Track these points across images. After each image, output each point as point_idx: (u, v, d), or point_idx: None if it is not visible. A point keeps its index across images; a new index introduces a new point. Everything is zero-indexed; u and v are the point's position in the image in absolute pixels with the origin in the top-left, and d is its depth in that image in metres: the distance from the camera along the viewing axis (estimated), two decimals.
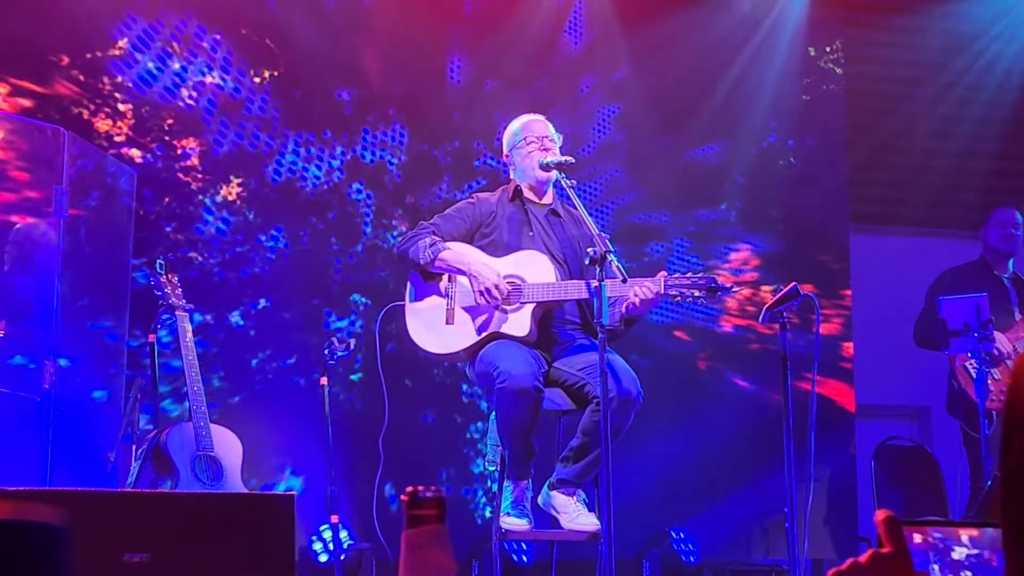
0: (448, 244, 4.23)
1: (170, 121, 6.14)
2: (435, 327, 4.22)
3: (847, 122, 7.52)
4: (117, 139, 6.00)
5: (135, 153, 6.02)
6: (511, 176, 4.46)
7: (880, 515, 1.20)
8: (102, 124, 5.99)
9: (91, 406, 5.24)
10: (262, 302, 6.18)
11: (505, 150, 4.47)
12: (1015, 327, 5.84)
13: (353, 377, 6.23)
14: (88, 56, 6.01)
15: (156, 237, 5.90)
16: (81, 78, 5.98)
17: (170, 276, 4.78)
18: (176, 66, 6.21)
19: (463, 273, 4.18)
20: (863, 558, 1.21)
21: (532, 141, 4.35)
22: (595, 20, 7.04)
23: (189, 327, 4.69)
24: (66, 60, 5.96)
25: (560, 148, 4.40)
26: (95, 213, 5.41)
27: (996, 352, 5.62)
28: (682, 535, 6.23)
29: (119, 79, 6.06)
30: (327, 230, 6.39)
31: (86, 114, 5.97)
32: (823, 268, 7.28)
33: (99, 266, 5.43)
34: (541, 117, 4.47)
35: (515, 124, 4.46)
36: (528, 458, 4.07)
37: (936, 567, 1.22)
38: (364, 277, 6.38)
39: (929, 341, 5.98)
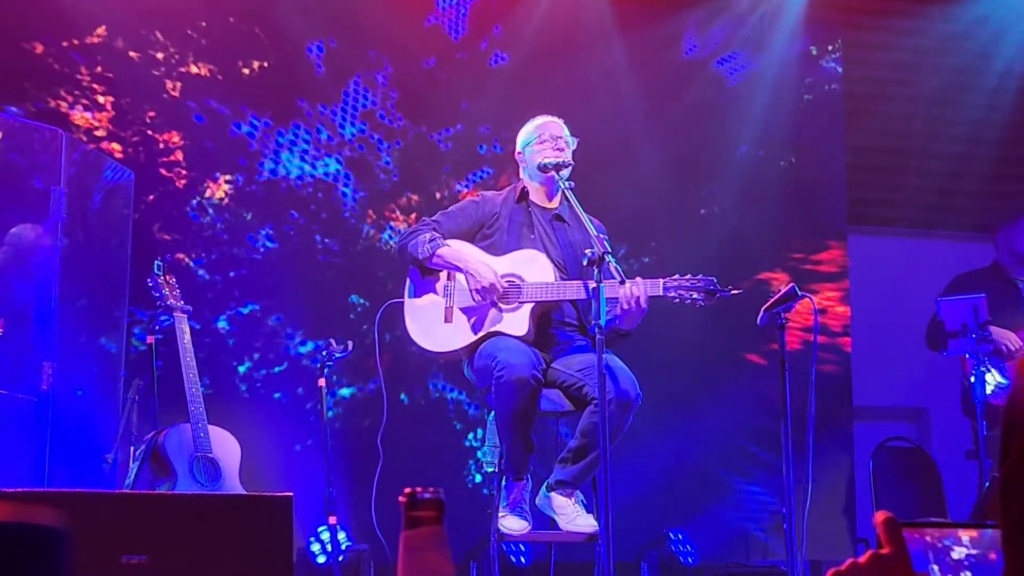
0: (447, 241, 4.24)
1: (152, 114, 5.92)
2: (433, 325, 4.22)
3: (846, 124, 7.51)
4: (97, 133, 5.77)
5: (115, 147, 5.79)
6: (520, 175, 4.46)
7: (879, 516, 1.20)
8: (80, 118, 5.76)
9: (89, 407, 5.23)
10: (251, 305, 6.03)
11: (518, 147, 4.45)
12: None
13: (344, 392, 6.08)
14: (64, 44, 5.76)
15: (141, 236, 5.69)
16: (56, 67, 5.74)
17: (168, 277, 4.78)
18: (160, 55, 5.97)
19: (460, 270, 4.19)
20: (862, 559, 1.21)
21: (545, 140, 4.33)
22: (592, 20, 6.96)
23: (187, 328, 4.68)
24: (40, 48, 5.72)
25: (574, 152, 4.37)
26: (93, 214, 5.40)
27: (1004, 349, 5.63)
28: (680, 536, 6.22)
29: (98, 69, 5.81)
30: (319, 228, 6.23)
31: (64, 106, 5.73)
32: (821, 270, 7.27)
33: (97, 267, 5.42)
34: (559, 119, 4.42)
35: (531, 123, 4.43)
36: (527, 453, 4.07)
37: (936, 567, 1.22)
38: (361, 277, 6.28)
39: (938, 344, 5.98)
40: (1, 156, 5.07)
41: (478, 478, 6.29)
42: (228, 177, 6.07)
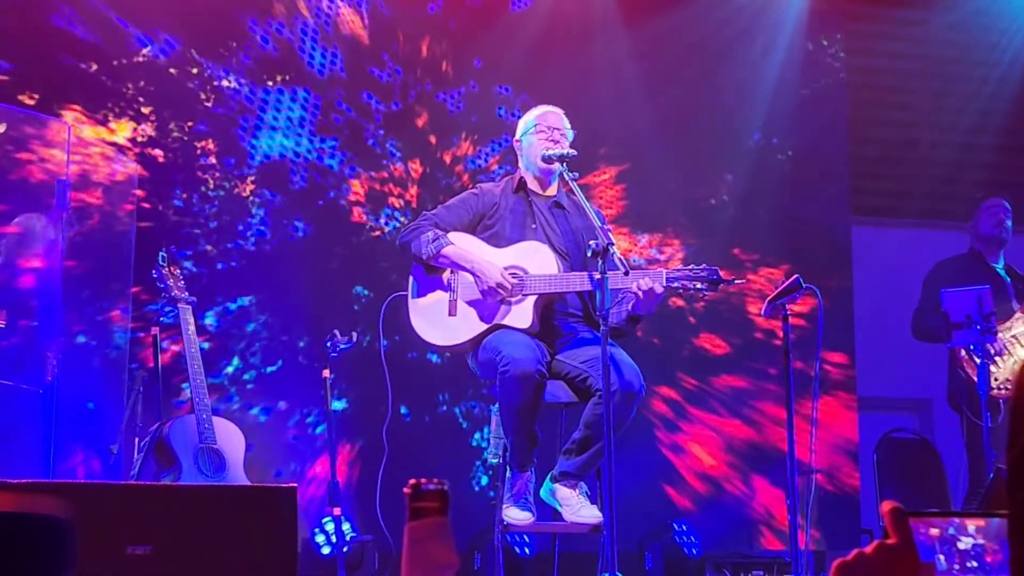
0: (451, 238, 4.23)
1: (130, 87, 5.68)
2: (438, 319, 4.22)
3: (848, 115, 7.50)
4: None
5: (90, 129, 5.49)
6: (519, 164, 4.45)
7: (886, 506, 1.20)
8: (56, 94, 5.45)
9: (94, 398, 5.24)
10: (245, 298, 5.93)
11: (517, 135, 4.46)
12: (1012, 318, 5.82)
13: (337, 405, 5.84)
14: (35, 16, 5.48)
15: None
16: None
17: (172, 268, 4.78)
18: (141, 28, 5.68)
19: (466, 270, 4.18)
20: (869, 549, 1.21)
21: (542, 131, 4.34)
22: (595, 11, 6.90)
23: (192, 319, 4.69)
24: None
25: (571, 143, 4.35)
26: (98, 206, 5.39)
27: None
28: (684, 527, 6.22)
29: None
30: (319, 217, 6.05)
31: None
32: (824, 261, 7.24)
33: (102, 258, 5.42)
34: (559, 110, 4.43)
35: (531, 112, 4.45)
36: (531, 446, 4.08)
37: (942, 557, 1.22)
38: (365, 268, 6.20)
39: (927, 334, 5.98)
40: (5, 147, 5.07)
41: (484, 480, 6.25)
42: (219, 160, 5.84)
